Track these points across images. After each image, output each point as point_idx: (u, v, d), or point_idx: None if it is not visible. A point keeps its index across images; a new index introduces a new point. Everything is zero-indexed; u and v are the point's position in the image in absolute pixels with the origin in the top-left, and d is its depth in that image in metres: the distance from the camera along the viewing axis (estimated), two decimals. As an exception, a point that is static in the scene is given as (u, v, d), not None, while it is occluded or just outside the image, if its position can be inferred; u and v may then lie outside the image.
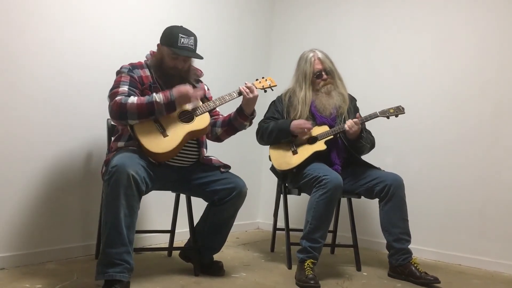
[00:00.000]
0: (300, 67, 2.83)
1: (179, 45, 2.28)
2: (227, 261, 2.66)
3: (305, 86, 2.78)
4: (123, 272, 1.99)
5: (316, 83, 2.79)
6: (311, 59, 2.78)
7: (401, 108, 2.72)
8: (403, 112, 2.72)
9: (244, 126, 2.50)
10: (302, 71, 2.80)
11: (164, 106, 2.17)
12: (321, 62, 2.78)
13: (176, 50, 2.28)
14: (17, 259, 2.37)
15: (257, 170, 3.96)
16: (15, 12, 2.35)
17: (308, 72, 2.78)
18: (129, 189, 2.00)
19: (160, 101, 2.16)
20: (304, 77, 2.79)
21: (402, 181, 2.62)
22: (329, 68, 2.79)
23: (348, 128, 2.63)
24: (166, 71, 2.34)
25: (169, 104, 2.18)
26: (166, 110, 2.19)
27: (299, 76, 2.82)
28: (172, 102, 2.19)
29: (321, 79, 2.78)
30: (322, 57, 2.79)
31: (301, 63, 2.83)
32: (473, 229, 3.06)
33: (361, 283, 2.49)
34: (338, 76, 2.84)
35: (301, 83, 2.80)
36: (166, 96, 2.18)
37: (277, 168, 2.76)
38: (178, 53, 2.29)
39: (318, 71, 2.78)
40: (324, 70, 2.78)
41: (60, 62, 2.54)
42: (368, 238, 3.35)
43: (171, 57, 2.31)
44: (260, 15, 4.03)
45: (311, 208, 2.50)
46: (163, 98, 2.17)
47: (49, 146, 2.51)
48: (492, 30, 3.09)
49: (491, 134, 3.05)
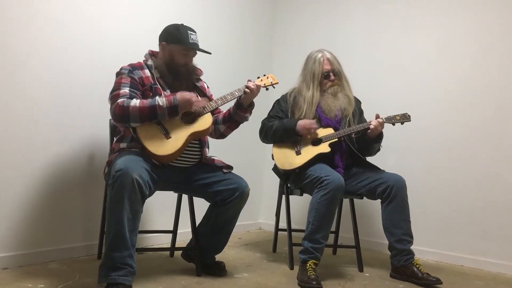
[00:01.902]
0: (308, 66, 2.81)
1: (191, 42, 2.32)
2: (229, 261, 2.66)
3: (313, 86, 2.77)
4: (126, 275, 1.99)
5: (323, 84, 2.79)
6: (320, 59, 2.78)
7: (407, 116, 2.70)
8: (409, 120, 2.70)
9: (246, 118, 2.51)
10: (310, 70, 2.79)
11: (167, 110, 2.17)
12: (330, 63, 2.78)
13: (189, 46, 2.31)
14: (19, 258, 2.38)
15: (259, 170, 3.96)
16: (18, 12, 2.36)
17: (317, 72, 2.77)
18: (133, 193, 2.00)
19: (163, 105, 2.16)
20: (312, 77, 2.77)
21: (404, 182, 2.62)
22: (337, 69, 2.79)
23: (374, 127, 2.63)
24: (176, 69, 2.35)
25: (171, 108, 2.18)
26: (169, 114, 2.19)
27: (306, 75, 2.81)
28: (175, 107, 2.19)
29: (328, 80, 2.78)
30: (331, 58, 2.79)
31: (309, 62, 2.82)
32: (475, 230, 3.06)
33: (363, 284, 2.49)
34: (345, 78, 2.84)
35: (309, 82, 2.78)
36: (169, 100, 2.18)
37: (279, 167, 2.75)
38: (193, 48, 2.32)
39: (327, 71, 2.77)
40: (332, 71, 2.77)
41: (63, 62, 2.55)
42: (370, 239, 3.35)
43: (183, 54, 2.34)
44: (262, 15, 4.03)
45: (312, 209, 2.50)
46: (166, 102, 2.17)
47: (52, 146, 2.52)
48: (496, 31, 3.08)
49: (494, 135, 3.04)
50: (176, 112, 2.21)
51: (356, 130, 2.70)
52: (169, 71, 2.35)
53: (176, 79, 2.36)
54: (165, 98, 2.19)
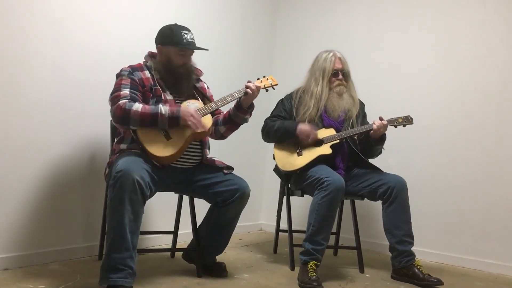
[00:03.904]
0: (318, 64, 2.80)
1: (185, 42, 2.31)
2: (230, 262, 2.66)
3: (322, 82, 2.76)
4: (126, 277, 1.99)
5: (332, 81, 2.78)
6: (331, 58, 2.77)
7: (410, 118, 2.69)
8: (412, 123, 2.70)
9: (246, 120, 2.50)
10: (321, 67, 2.78)
11: (168, 119, 2.17)
12: (341, 63, 2.78)
13: (184, 46, 2.31)
14: (20, 259, 2.38)
15: (260, 171, 3.96)
16: (18, 13, 2.36)
17: (328, 69, 2.76)
18: (134, 194, 2.01)
19: (165, 113, 2.16)
20: (322, 73, 2.77)
21: (405, 183, 2.62)
22: (347, 70, 2.80)
23: (377, 128, 2.63)
24: (175, 70, 2.35)
25: (173, 119, 2.18)
26: (169, 124, 2.19)
27: (315, 72, 2.80)
28: (177, 118, 2.19)
29: (336, 79, 2.77)
30: (342, 58, 2.80)
31: (319, 60, 2.81)
32: (476, 231, 3.06)
33: (364, 285, 2.49)
34: (351, 80, 2.84)
35: (318, 78, 2.77)
36: (172, 111, 2.18)
37: (280, 168, 2.75)
38: (188, 47, 2.32)
39: (337, 70, 2.77)
40: (342, 70, 2.78)
41: (63, 63, 2.54)
42: (371, 240, 3.34)
43: (179, 54, 2.33)
44: (262, 15, 4.02)
45: (313, 210, 2.50)
46: (168, 111, 2.18)
47: (53, 147, 2.52)
48: (496, 31, 3.08)
49: (495, 136, 3.04)
50: (177, 123, 2.20)
51: (358, 132, 2.70)
52: (168, 73, 2.35)
53: (176, 80, 2.36)
54: (168, 108, 2.19)
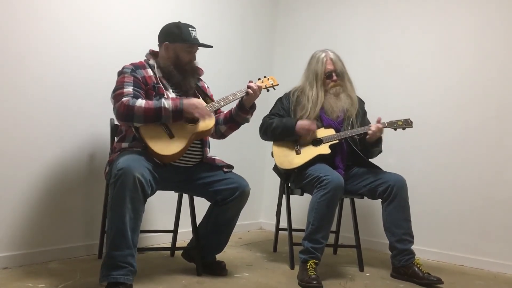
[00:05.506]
0: (312, 66, 2.81)
1: (193, 38, 2.35)
2: (229, 261, 2.66)
3: (316, 85, 2.76)
4: (128, 275, 1.99)
5: (326, 84, 2.78)
6: (323, 59, 2.77)
7: (409, 122, 2.68)
8: (411, 126, 2.69)
9: (247, 120, 2.51)
10: (313, 70, 2.78)
11: (172, 113, 2.18)
12: (333, 63, 2.77)
13: (193, 43, 2.35)
14: (20, 258, 2.38)
15: (260, 170, 3.96)
16: (18, 12, 2.36)
17: (320, 72, 2.76)
18: (135, 192, 2.01)
19: (169, 107, 2.17)
20: (316, 76, 2.77)
21: (405, 182, 2.62)
22: (340, 69, 2.78)
23: (372, 132, 2.63)
24: (183, 67, 2.37)
25: (176, 112, 2.18)
26: (173, 117, 2.19)
27: (309, 75, 2.80)
28: (180, 111, 2.19)
29: (331, 80, 2.77)
30: (334, 58, 2.78)
31: (312, 62, 2.82)
32: (476, 230, 3.06)
33: (363, 283, 2.49)
34: (348, 78, 2.83)
35: (312, 82, 2.78)
36: (175, 104, 2.19)
37: (278, 165, 2.75)
38: (197, 44, 2.36)
39: (329, 71, 2.76)
40: (335, 71, 2.77)
41: (63, 62, 2.54)
42: (371, 238, 3.34)
43: (187, 51, 2.36)
44: (263, 15, 4.02)
45: (312, 209, 2.51)
46: (172, 105, 2.18)
47: (52, 146, 2.51)
48: (496, 31, 3.08)
49: (495, 135, 3.04)
50: (181, 117, 2.21)
51: (356, 133, 2.70)
52: (177, 70, 2.36)
53: (184, 78, 2.37)
54: (171, 101, 2.19)
